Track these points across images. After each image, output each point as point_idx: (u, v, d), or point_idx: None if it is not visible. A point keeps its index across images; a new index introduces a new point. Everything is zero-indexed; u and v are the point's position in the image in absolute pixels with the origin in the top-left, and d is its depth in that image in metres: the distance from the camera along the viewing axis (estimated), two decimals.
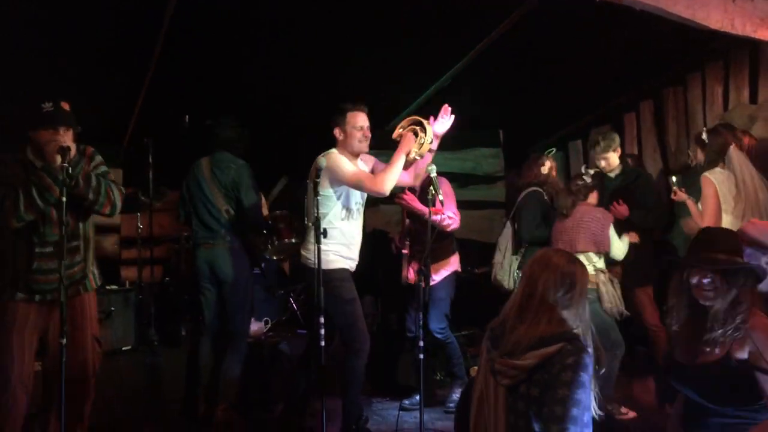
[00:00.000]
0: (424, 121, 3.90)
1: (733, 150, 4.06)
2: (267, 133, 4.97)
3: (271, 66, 5.39)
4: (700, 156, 4.36)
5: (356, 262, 4.07)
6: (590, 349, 2.20)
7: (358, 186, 3.83)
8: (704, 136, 4.26)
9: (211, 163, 4.43)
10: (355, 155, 3.99)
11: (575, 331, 2.26)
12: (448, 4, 4.72)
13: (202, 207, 4.41)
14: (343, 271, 3.93)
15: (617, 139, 4.90)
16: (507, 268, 4.85)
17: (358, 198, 3.98)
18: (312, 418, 4.17)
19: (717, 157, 4.13)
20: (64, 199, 3.12)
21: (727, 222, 4.07)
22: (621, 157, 4.91)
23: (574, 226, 4.44)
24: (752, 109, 5.02)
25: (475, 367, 5.34)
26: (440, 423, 4.46)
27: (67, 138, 3.25)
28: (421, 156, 3.94)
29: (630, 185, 4.79)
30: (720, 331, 2.40)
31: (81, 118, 3.47)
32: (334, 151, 3.93)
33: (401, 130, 3.96)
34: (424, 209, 4.51)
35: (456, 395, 4.68)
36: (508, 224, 4.94)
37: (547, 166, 4.93)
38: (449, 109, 3.98)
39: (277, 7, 4.65)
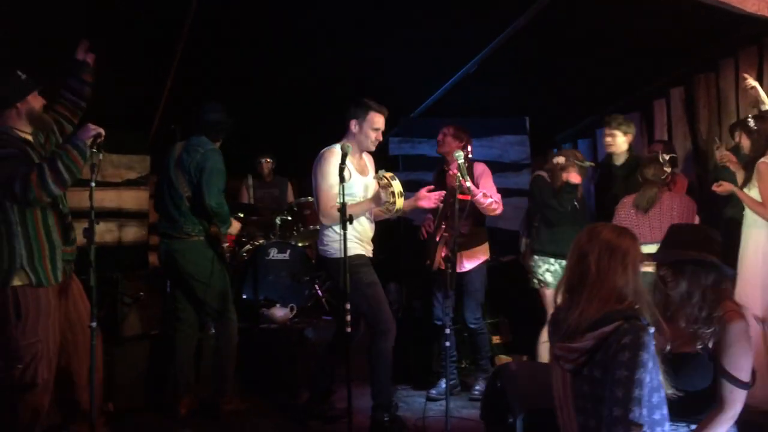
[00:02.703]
0: (398, 191, 3.83)
1: None
2: (297, 120, 4.96)
3: (296, 52, 5.37)
4: (745, 142, 4.25)
5: (371, 248, 4.07)
6: (651, 328, 2.13)
7: (316, 197, 3.87)
8: (751, 122, 4.15)
9: (183, 147, 4.31)
10: (361, 150, 4.02)
11: (636, 307, 2.18)
12: None
13: (166, 193, 4.27)
14: (360, 256, 3.93)
15: (633, 127, 4.88)
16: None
17: (355, 192, 3.96)
18: (338, 406, 4.19)
19: (767, 144, 4.06)
20: (93, 183, 3.16)
21: None
22: (629, 150, 4.87)
23: (659, 216, 4.24)
24: None
25: (501, 356, 5.36)
26: (465, 411, 4.46)
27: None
28: (396, 215, 3.96)
29: (634, 173, 4.73)
30: (684, 325, 2.47)
31: (107, 104, 3.50)
32: (334, 146, 3.91)
33: (382, 181, 3.87)
34: (475, 190, 4.49)
35: (481, 384, 4.67)
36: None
37: (557, 161, 4.78)
38: (441, 195, 4.09)
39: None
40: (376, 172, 3.98)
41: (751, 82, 4.41)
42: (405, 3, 4.76)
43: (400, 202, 3.83)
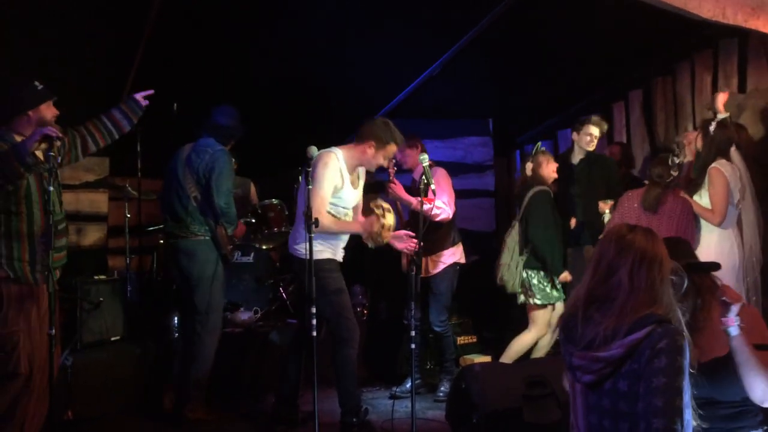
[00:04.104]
0: (388, 224, 3.87)
1: (734, 150, 4.11)
2: (259, 121, 4.92)
3: (260, 53, 5.33)
4: (700, 144, 4.30)
5: (343, 254, 4.06)
6: (685, 332, 1.94)
7: (310, 202, 3.76)
8: (712, 127, 4.22)
9: (192, 148, 4.31)
10: (360, 166, 4.02)
11: (669, 315, 1.98)
12: None
13: (174, 193, 4.28)
14: (330, 261, 3.92)
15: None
16: (514, 270, 4.74)
17: (347, 203, 3.95)
18: (304, 410, 4.17)
19: (716, 152, 4.14)
20: (51, 188, 3.10)
21: (732, 213, 4.11)
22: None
23: (659, 218, 4.23)
24: (740, 98, 5.04)
25: (466, 357, 5.41)
26: (431, 412, 4.48)
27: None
28: (375, 244, 3.96)
29: (592, 168, 4.97)
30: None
31: (67, 105, 3.47)
32: (335, 151, 3.86)
33: (378, 210, 3.90)
34: (411, 199, 4.52)
35: (446, 385, 4.70)
36: (516, 224, 4.81)
37: (528, 168, 4.85)
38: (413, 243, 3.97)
39: None
40: (372, 196, 4.05)
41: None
42: (369, 5, 4.76)
43: (387, 236, 3.89)
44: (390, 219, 3.88)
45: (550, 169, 4.78)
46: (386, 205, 3.95)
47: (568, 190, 5.07)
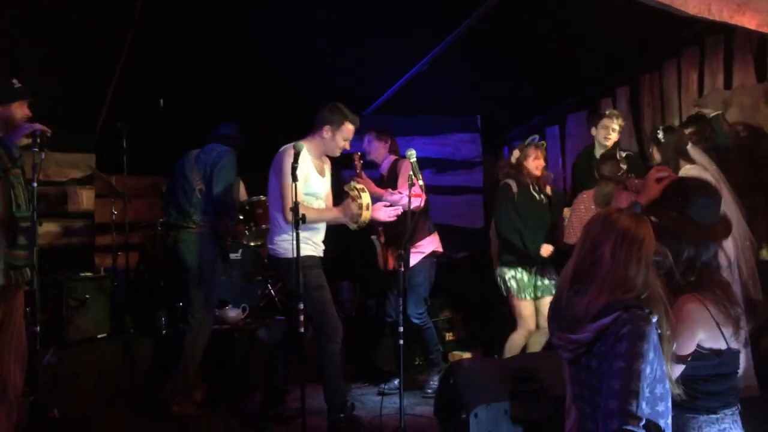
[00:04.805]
0: (365, 203, 3.92)
1: (691, 147, 4.10)
2: (245, 117, 4.91)
3: (247, 50, 5.31)
4: (656, 155, 4.32)
5: (323, 248, 4.08)
6: (654, 317, 2.03)
7: (279, 195, 3.83)
8: (660, 134, 4.24)
9: (200, 150, 4.53)
10: (325, 154, 4.07)
11: (642, 297, 2.07)
12: None
13: (179, 187, 4.46)
14: (310, 257, 3.92)
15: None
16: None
17: (317, 192, 3.99)
18: (292, 406, 4.17)
19: (676, 156, 4.15)
20: (35, 184, 3.07)
21: None
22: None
23: None
24: (726, 95, 5.07)
25: (454, 352, 5.41)
26: (419, 408, 4.48)
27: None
28: (358, 227, 4.03)
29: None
30: None
31: (52, 103, 3.45)
32: (295, 144, 3.78)
33: (352, 192, 3.97)
34: (381, 191, 4.54)
35: (434, 381, 4.70)
36: None
37: (515, 156, 4.88)
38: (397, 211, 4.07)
39: None
40: (348, 181, 4.05)
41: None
42: (357, 2, 4.75)
43: (366, 215, 3.91)
44: (366, 198, 3.91)
45: (534, 164, 4.77)
46: (359, 185, 3.99)
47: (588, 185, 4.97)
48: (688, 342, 2.25)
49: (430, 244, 4.85)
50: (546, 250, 4.61)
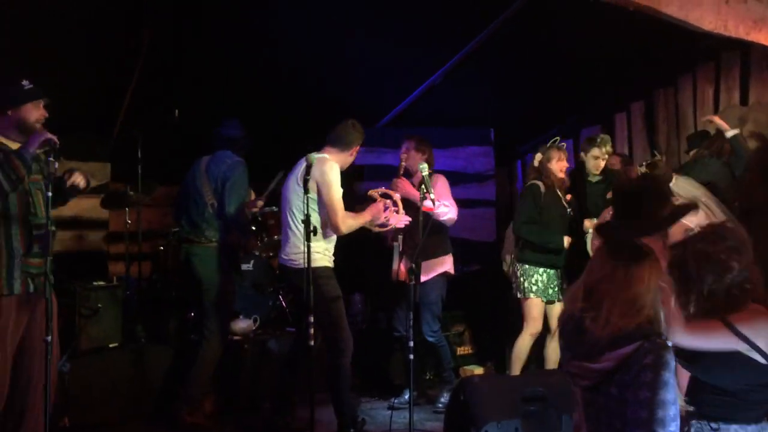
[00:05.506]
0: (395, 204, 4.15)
1: (675, 180, 4.08)
2: (262, 128, 4.93)
3: (262, 60, 5.34)
4: None
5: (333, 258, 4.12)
6: (669, 342, 2.07)
7: (331, 210, 3.85)
8: (642, 169, 4.26)
9: (210, 159, 4.47)
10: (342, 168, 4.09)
11: (651, 318, 2.08)
12: (439, 2, 4.69)
13: (192, 201, 4.42)
14: (327, 269, 3.93)
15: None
16: (509, 262, 4.88)
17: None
18: (301, 420, 4.15)
19: None
20: (49, 193, 3.08)
21: None
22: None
23: None
24: (743, 111, 5.05)
25: (465, 367, 5.38)
26: (429, 424, 4.45)
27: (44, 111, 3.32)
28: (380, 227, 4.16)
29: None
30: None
31: (69, 109, 3.43)
32: (328, 158, 3.90)
33: (376, 194, 4.21)
34: (415, 193, 4.53)
35: (445, 397, 4.66)
36: None
37: (537, 159, 4.86)
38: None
39: (268, 3, 4.61)
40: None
41: (711, 118, 4.49)
42: (372, 14, 4.77)
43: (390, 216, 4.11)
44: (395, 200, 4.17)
45: (558, 166, 4.74)
46: (380, 190, 4.18)
47: (583, 206, 4.95)
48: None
49: (445, 264, 4.83)
50: (568, 240, 4.64)
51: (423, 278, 4.73)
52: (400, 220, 4.17)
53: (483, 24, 5.05)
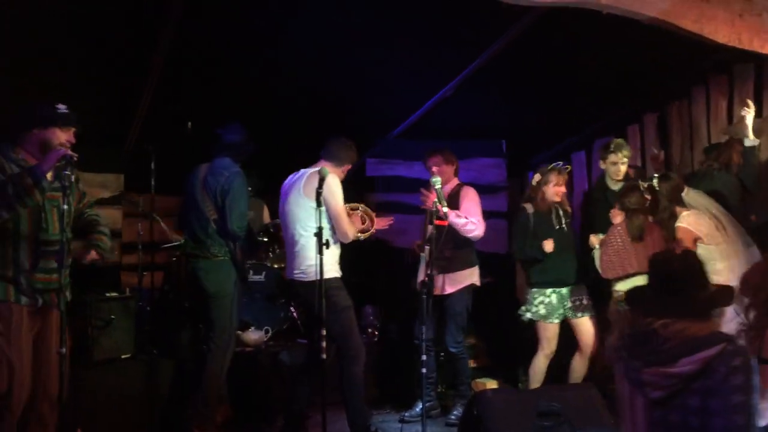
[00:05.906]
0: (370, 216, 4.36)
1: (686, 192, 4.08)
2: (276, 139, 4.95)
3: (275, 73, 5.36)
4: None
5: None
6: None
7: (337, 219, 3.98)
8: (655, 182, 4.25)
9: (208, 169, 4.38)
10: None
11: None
12: (452, 14, 4.70)
13: (193, 215, 4.36)
14: (337, 279, 3.98)
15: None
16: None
17: None
18: (313, 431, 4.14)
19: (671, 204, 4.14)
20: (65, 206, 3.10)
21: (728, 251, 4.04)
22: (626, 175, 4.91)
23: (648, 246, 4.15)
24: (757, 123, 5.00)
25: (477, 380, 5.34)
26: None
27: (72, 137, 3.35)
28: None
29: None
30: None
31: (83, 124, 3.46)
32: (326, 170, 3.95)
33: (356, 212, 4.35)
34: (450, 212, 4.53)
35: (458, 409, 4.64)
36: None
37: (535, 179, 4.85)
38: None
39: (281, 15, 4.63)
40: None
41: (747, 110, 4.44)
42: (384, 25, 4.78)
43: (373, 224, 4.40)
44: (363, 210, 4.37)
45: (554, 191, 4.74)
46: (353, 204, 4.34)
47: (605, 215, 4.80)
48: None
49: (471, 275, 4.84)
50: (547, 245, 4.59)
51: (450, 290, 4.74)
52: (380, 224, 4.36)
53: (495, 36, 5.05)
